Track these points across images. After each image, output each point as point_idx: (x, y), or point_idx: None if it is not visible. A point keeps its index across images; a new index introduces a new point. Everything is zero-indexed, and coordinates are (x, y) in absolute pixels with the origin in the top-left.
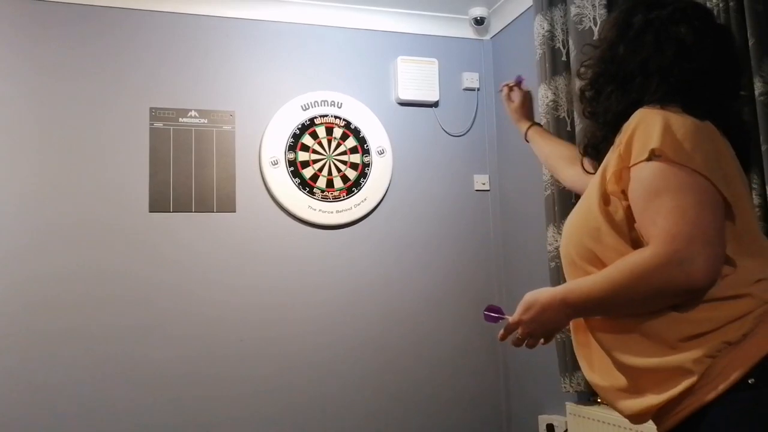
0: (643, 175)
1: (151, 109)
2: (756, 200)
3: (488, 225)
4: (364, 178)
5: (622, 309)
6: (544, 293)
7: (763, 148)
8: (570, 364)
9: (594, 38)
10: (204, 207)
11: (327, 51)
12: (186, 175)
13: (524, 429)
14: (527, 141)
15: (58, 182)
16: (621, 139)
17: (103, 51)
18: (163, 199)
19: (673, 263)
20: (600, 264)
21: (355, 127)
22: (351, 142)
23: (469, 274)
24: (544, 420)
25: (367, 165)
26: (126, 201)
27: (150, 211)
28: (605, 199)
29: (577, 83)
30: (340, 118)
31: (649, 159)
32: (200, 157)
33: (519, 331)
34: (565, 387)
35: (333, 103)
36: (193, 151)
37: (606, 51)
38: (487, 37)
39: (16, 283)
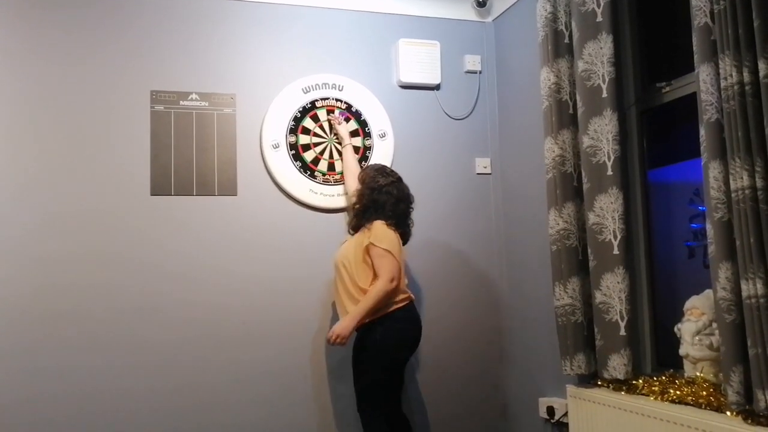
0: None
1: (151, 92)
2: (759, 183)
3: (490, 208)
4: (366, 162)
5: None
6: None
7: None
8: (571, 347)
9: (597, 20)
10: (205, 190)
11: (328, 33)
12: (187, 158)
13: (525, 412)
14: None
15: (59, 166)
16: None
17: (103, 34)
18: (164, 182)
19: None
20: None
21: (357, 110)
22: (352, 125)
23: (470, 257)
24: (544, 403)
25: (368, 148)
26: (127, 184)
27: (151, 195)
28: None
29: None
30: (341, 101)
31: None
32: (201, 140)
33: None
34: (565, 370)
35: (334, 86)
36: (194, 134)
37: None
38: (490, 19)
39: (18, 268)
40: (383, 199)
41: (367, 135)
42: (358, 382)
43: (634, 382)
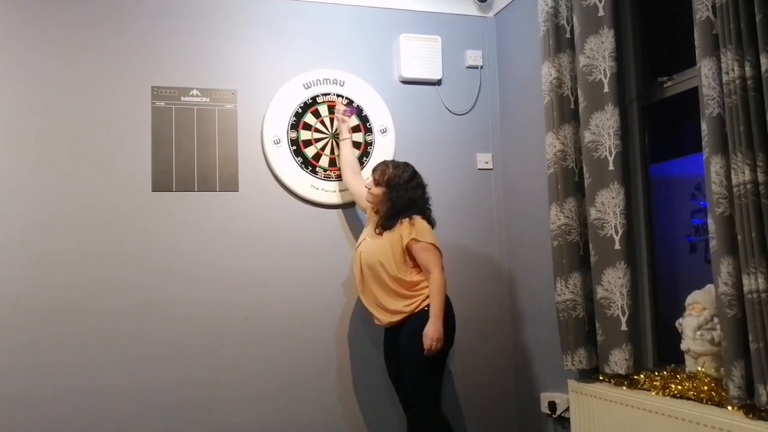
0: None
1: (152, 87)
2: (761, 177)
3: (491, 203)
4: (367, 157)
5: None
6: None
7: None
8: (572, 342)
9: (598, 15)
10: (207, 186)
11: (329, 29)
12: (188, 154)
13: (526, 406)
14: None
15: (60, 163)
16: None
17: (104, 30)
18: (165, 178)
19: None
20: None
21: (358, 105)
22: (353, 120)
23: (471, 252)
24: (546, 398)
25: (369, 144)
26: (129, 180)
27: (153, 191)
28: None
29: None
30: (342, 97)
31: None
32: (202, 136)
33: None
34: (567, 365)
35: (335, 82)
36: (195, 130)
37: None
38: (491, 14)
39: (19, 265)
40: (416, 195)
41: (369, 130)
42: (415, 375)
43: (635, 377)
